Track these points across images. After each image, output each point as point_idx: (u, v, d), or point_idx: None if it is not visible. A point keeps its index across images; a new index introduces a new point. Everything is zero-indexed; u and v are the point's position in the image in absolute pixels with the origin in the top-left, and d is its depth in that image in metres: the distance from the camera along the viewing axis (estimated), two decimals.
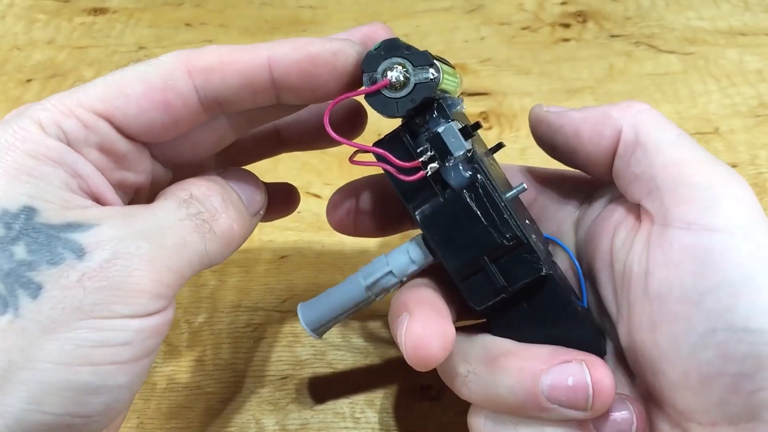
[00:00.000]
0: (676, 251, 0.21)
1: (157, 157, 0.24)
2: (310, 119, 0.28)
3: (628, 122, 0.24)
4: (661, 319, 0.21)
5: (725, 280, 0.20)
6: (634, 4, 0.55)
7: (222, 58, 0.22)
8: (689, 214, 0.21)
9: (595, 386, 0.22)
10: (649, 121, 0.23)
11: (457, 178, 0.23)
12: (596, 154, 0.25)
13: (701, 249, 0.21)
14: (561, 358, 0.23)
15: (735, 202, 0.21)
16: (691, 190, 0.21)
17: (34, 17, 0.57)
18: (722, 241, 0.20)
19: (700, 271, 0.20)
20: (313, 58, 0.22)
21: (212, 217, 0.22)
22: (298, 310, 0.27)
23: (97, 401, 0.19)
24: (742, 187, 0.22)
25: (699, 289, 0.20)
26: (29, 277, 0.19)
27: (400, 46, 0.22)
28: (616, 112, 0.24)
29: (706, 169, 0.22)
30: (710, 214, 0.21)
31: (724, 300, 0.20)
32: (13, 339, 0.18)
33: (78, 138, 0.21)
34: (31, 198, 0.19)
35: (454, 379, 0.25)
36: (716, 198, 0.21)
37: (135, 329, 0.19)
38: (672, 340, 0.21)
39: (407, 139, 0.24)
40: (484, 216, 0.23)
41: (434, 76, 0.22)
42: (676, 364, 0.21)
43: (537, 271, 0.23)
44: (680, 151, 0.23)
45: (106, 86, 0.21)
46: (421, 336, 0.22)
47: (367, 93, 0.22)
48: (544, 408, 0.22)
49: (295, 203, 0.31)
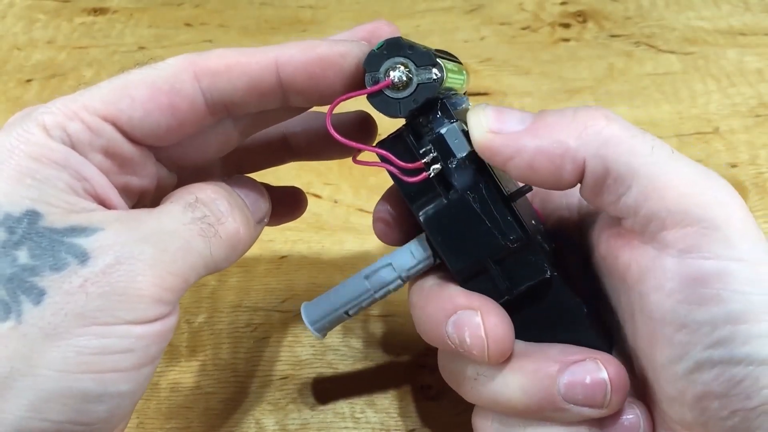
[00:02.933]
0: (669, 278, 0.20)
1: (162, 160, 0.24)
2: (318, 128, 0.28)
3: (591, 152, 0.20)
4: (657, 341, 0.21)
5: (722, 310, 0.19)
6: (634, 4, 0.55)
7: (229, 61, 0.22)
8: (681, 241, 0.20)
9: (612, 383, 0.22)
10: (615, 145, 0.20)
11: (461, 180, 0.23)
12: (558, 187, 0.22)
13: (694, 277, 0.20)
14: (575, 357, 0.22)
15: (727, 226, 0.20)
16: (678, 214, 0.20)
17: (34, 17, 0.57)
18: (716, 267, 0.19)
19: (695, 300, 0.20)
20: (321, 60, 0.22)
21: (218, 221, 0.22)
22: (302, 309, 0.27)
23: (99, 409, 0.19)
24: (732, 205, 0.20)
25: (695, 318, 0.19)
26: (32, 283, 0.18)
27: (403, 46, 0.22)
28: (574, 140, 0.21)
29: (691, 189, 0.20)
30: (703, 241, 0.19)
31: (723, 330, 0.19)
32: (15, 345, 0.18)
33: (83, 141, 0.20)
34: (35, 201, 0.19)
35: (462, 382, 0.24)
36: (707, 222, 0.20)
37: (137, 336, 0.19)
38: (668, 360, 0.21)
39: (410, 140, 0.23)
40: (487, 218, 0.23)
41: (437, 76, 0.22)
42: (672, 382, 0.21)
43: (542, 272, 0.23)
44: (658, 170, 0.20)
45: (111, 89, 0.21)
46: (500, 328, 0.22)
47: (369, 93, 0.22)
48: (559, 408, 0.22)
49: (303, 207, 0.31)
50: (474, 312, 0.23)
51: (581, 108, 0.22)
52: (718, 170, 0.41)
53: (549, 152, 0.21)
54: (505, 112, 0.22)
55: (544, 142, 0.21)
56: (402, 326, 0.35)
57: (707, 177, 0.21)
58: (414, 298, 0.25)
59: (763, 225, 0.39)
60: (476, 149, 0.22)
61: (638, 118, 0.45)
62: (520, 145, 0.21)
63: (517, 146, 0.21)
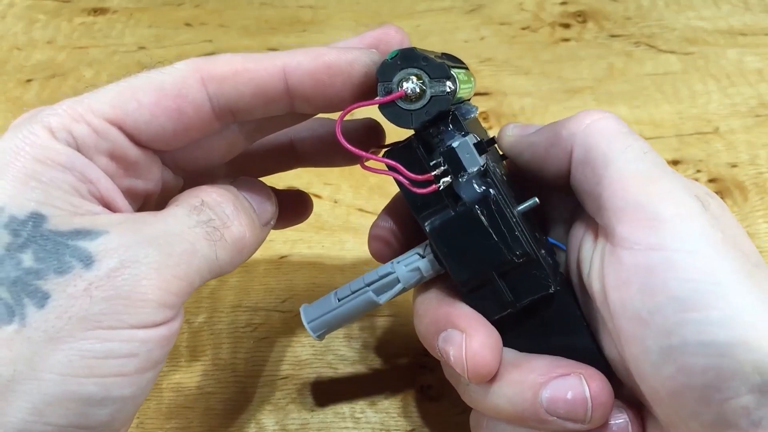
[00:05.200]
0: (624, 272, 0.21)
1: (167, 164, 0.24)
2: (325, 135, 0.28)
3: (578, 140, 0.23)
4: (621, 339, 0.21)
5: (671, 297, 0.19)
6: (634, 4, 0.55)
7: (236, 66, 0.21)
8: (632, 234, 0.20)
9: (593, 399, 0.22)
10: (598, 135, 0.22)
11: (470, 193, 0.23)
12: (559, 176, 0.24)
13: (645, 268, 0.20)
14: (560, 371, 0.22)
15: (676, 219, 0.20)
16: (632, 208, 0.21)
17: (34, 17, 0.57)
18: (664, 258, 0.20)
19: (646, 290, 0.20)
20: (328, 68, 0.22)
21: (223, 224, 0.22)
22: (301, 311, 0.27)
23: (102, 413, 0.19)
24: (684, 201, 0.21)
25: (647, 307, 0.20)
26: (36, 286, 0.18)
27: (418, 57, 0.22)
28: (566, 130, 0.23)
29: (648, 186, 0.21)
30: (652, 233, 0.20)
31: (672, 317, 0.19)
32: (19, 349, 0.18)
33: (88, 144, 0.20)
34: (40, 204, 0.19)
35: (458, 385, 0.25)
36: (656, 215, 0.20)
37: (141, 340, 0.19)
38: (634, 359, 0.21)
39: (420, 150, 0.23)
40: (495, 232, 0.22)
41: (451, 89, 0.22)
42: (644, 380, 0.21)
43: (545, 288, 0.23)
44: (627, 166, 0.21)
45: (118, 92, 0.21)
46: (480, 353, 0.22)
47: (381, 103, 0.22)
48: (542, 420, 0.22)
49: (308, 210, 0.31)
50: (460, 333, 0.23)
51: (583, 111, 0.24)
52: (718, 170, 0.42)
53: (546, 143, 0.24)
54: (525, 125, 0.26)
55: (543, 136, 0.24)
56: (402, 326, 0.35)
57: (665, 177, 0.21)
58: (417, 307, 0.26)
59: (762, 225, 0.39)
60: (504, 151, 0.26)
61: (638, 118, 0.45)
62: (527, 142, 0.25)
63: (525, 143, 0.25)
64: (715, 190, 0.41)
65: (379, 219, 0.27)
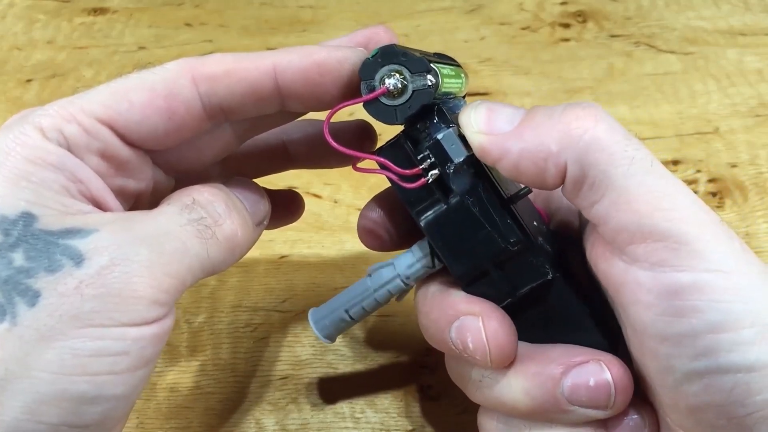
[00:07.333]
0: (645, 292, 0.20)
1: (159, 164, 0.24)
2: (317, 136, 0.28)
3: (572, 156, 0.20)
4: (645, 352, 0.21)
5: (702, 321, 0.19)
6: (634, 4, 0.55)
7: (227, 66, 0.22)
8: (652, 255, 0.20)
9: (616, 384, 0.22)
10: (596, 151, 0.20)
11: (459, 184, 0.23)
12: (544, 187, 0.22)
13: (669, 290, 0.19)
14: (579, 359, 0.22)
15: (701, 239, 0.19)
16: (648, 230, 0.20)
17: (34, 17, 0.57)
18: (693, 280, 0.19)
19: (674, 312, 0.19)
20: (319, 66, 0.22)
21: (215, 222, 0.22)
22: (309, 315, 0.27)
23: (94, 411, 0.19)
24: (701, 218, 0.20)
25: (676, 330, 0.19)
26: (27, 285, 0.18)
27: (397, 53, 0.22)
28: (556, 144, 0.20)
29: (662, 203, 0.20)
30: (673, 255, 0.19)
31: (705, 341, 0.19)
32: (10, 347, 0.18)
33: (79, 144, 0.20)
34: (30, 204, 0.19)
35: (467, 384, 0.25)
36: (679, 237, 0.19)
37: (133, 338, 0.19)
38: (657, 371, 0.21)
39: (408, 146, 0.23)
40: (487, 221, 0.23)
41: (432, 83, 0.22)
42: (665, 392, 0.21)
43: (543, 274, 0.23)
44: (633, 183, 0.20)
45: (109, 92, 0.21)
46: (501, 333, 0.22)
47: (365, 101, 0.22)
48: (563, 410, 0.22)
49: (300, 210, 0.31)
50: (476, 318, 0.23)
51: (571, 105, 0.21)
52: (718, 170, 0.42)
53: (533, 155, 0.21)
54: (495, 111, 0.22)
55: (528, 144, 0.21)
56: (402, 326, 0.35)
57: (679, 193, 0.20)
58: (419, 304, 0.25)
59: (762, 225, 0.39)
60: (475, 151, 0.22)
61: (638, 118, 0.45)
62: (506, 148, 0.21)
63: (503, 148, 0.21)
64: (715, 190, 0.41)
65: (366, 209, 0.26)
